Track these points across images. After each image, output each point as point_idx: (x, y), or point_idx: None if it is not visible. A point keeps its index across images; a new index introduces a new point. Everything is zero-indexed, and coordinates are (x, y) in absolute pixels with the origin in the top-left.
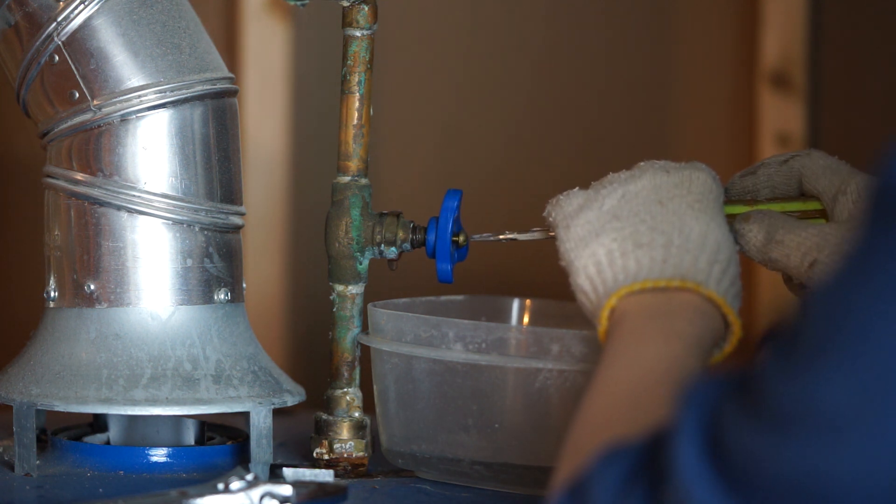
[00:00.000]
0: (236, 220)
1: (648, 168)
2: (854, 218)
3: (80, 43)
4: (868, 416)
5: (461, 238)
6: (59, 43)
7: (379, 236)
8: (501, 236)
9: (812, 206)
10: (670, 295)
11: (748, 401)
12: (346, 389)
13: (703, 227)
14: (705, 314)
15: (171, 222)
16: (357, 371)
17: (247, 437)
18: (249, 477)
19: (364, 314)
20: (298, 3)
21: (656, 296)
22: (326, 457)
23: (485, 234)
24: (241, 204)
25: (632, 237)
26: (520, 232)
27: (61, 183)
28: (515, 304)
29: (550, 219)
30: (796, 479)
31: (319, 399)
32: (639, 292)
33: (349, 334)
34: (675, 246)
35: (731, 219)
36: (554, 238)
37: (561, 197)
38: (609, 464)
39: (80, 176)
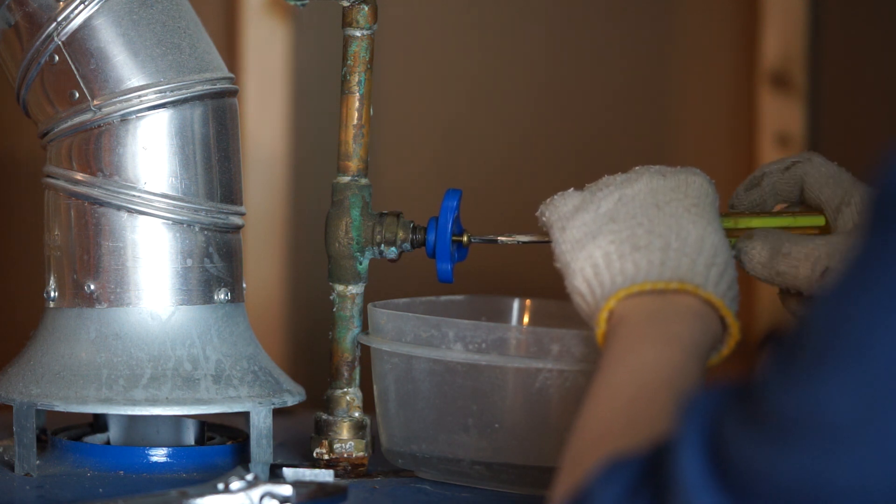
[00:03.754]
0: (236, 220)
1: (645, 172)
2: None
3: (80, 43)
4: (869, 424)
5: (465, 238)
6: (59, 43)
7: (379, 236)
8: (501, 238)
9: (816, 221)
10: (668, 298)
11: (749, 410)
12: (346, 389)
13: (700, 230)
14: (704, 317)
15: (171, 222)
16: (357, 371)
17: (247, 437)
18: (249, 477)
19: (364, 314)
20: (298, 3)
21: (654, 299)
22: (326, 457)
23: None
24: (241, 204)
25: (629, 240)
26: (518, 234)
27: (61, 183)
28: (515, 304)
29: (544, 219)
30: (799, 487)
31: (319, 399)
32: (637, 295)
33: (349, 334)
34: (672, 249)
35: (730, 233)
36: (549, 241)
37: (556, 197)
38: (610, 477)
39: (80, 176)
